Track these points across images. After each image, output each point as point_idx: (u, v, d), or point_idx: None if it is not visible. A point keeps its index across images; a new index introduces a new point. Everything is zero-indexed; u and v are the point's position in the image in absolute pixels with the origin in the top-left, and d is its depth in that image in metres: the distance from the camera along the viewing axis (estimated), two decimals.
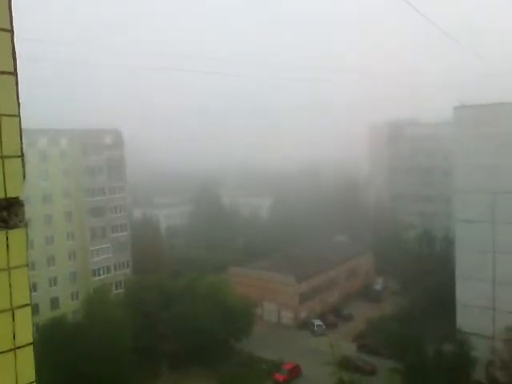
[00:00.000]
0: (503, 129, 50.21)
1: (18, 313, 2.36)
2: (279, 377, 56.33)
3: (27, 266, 2.43)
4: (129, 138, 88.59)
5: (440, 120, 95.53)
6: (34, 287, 66.17)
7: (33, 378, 2.45)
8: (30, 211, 66.56)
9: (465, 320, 51.69)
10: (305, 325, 72.44)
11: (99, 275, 75.72)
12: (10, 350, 2.33)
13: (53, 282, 70.81)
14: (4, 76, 2.39)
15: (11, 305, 2.34)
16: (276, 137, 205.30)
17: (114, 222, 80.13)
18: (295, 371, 57.39)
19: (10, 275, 2.33)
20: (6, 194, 2.38)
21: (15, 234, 2.39)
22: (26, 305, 2.41)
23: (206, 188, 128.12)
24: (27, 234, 2.46)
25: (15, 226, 2.40)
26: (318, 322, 71.55)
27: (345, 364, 55.26)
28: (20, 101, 2.46)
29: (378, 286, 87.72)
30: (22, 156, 2.46)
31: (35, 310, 61.92)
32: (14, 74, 2.42)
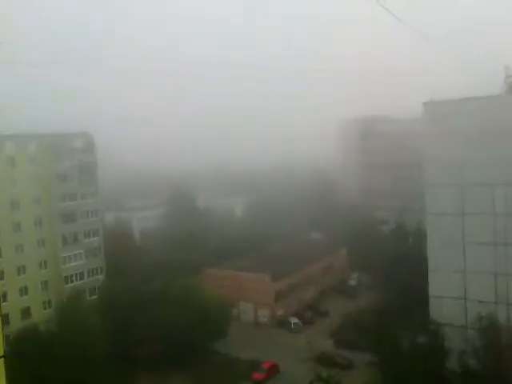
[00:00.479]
0: (471, 123, 51.16)
1: None
2: (258, 376, 56.31)
3: None
4: (102, 141, 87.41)
5: (411, 116, 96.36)
6: (4, 297, 64.62)
7: None
8: None
9: (438, 311, 52.47)
10: (282, 323, 72.61)
11: (72, 282, 74.34)
12: None
13: (23, 291, 69.15)
14: None
15: None
16: (251, 136, 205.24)
17: (87, 228, 78.91)
18: (273, 369, 57.45)
19: None
20: None
21: None
22: None
23: (180, 189, 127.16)
24: None
25: None
26: (294, 320, 71.84)
27: (322, 360, 55.72)
28: None
29: (353, 282, 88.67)
30: None
31: (5, 320, 60.22)
32: None
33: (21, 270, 69.11)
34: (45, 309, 70.51)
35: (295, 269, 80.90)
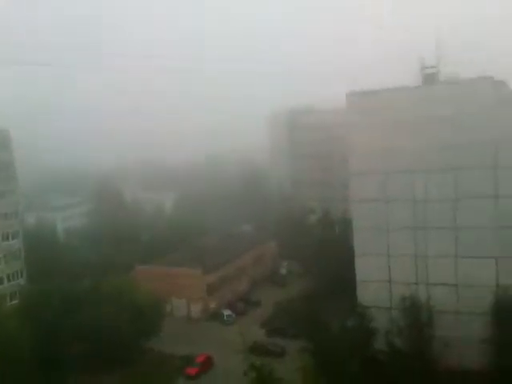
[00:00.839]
0: (391, 113, 53.01)
1: None
2: (191, 370, 55.80)
3: None
4: (20, 138, 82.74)
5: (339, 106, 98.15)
6: None
7: None
8: None
9: (364, 294, 54.30)
10: (215, 316, 72.48)
11: None
12: None
13: None
14: None
15: None
16: (177, 130, 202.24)
17: (5, 230, 74.42)
18: (207, 363, 57.16)
19: None
20: None
21: None
22: None
23: (106, 186, 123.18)
24: None
25: None
26: (227, 312, 71.94)
27: (255, 349, 56.16)
28: None
29: (284, 271, 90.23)
30: None
31: None
32: None
33: None
34: None
35: (227, 261, 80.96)
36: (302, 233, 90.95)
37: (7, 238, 74.43)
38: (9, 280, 73.10)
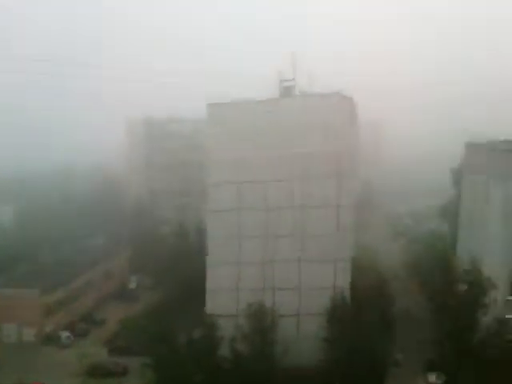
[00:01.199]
0: (249, 124, 53.44)
1: None
2: None
3: None
4: None
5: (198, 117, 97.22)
6: None
7: None
8: None
9: (213, 304, 53.36)
10: (51, 339, 65.50)
11: None
12: None
13: None
14: None
15: None
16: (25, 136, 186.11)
17: None
18: None
19: None
20: None
21: None
22: None
23: None
24: None
25: None
26: (65, 334, 65.57)
27: (94, 371, 51.71)
28: None
29: (133, 285, 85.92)
30: None
31: None
32: None
33: None
34: None
35: (71, 278, 74.33)
36: (155, 244, 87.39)
37: None
38: None
